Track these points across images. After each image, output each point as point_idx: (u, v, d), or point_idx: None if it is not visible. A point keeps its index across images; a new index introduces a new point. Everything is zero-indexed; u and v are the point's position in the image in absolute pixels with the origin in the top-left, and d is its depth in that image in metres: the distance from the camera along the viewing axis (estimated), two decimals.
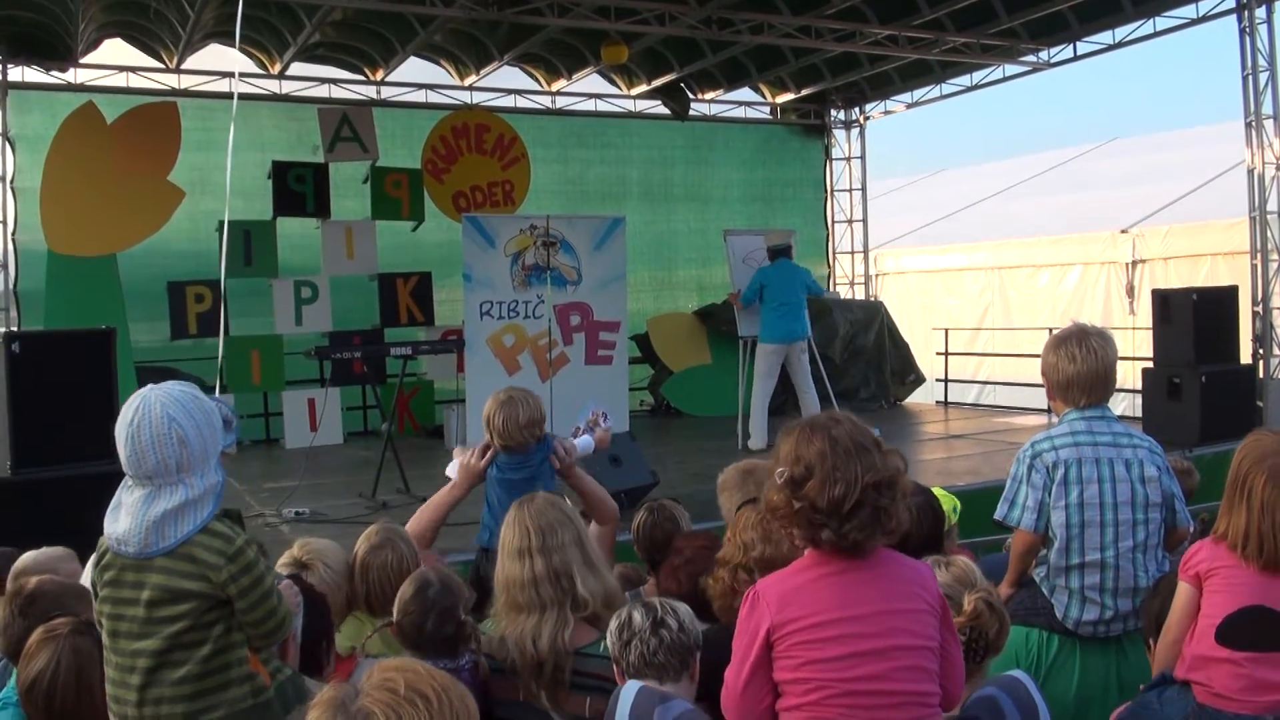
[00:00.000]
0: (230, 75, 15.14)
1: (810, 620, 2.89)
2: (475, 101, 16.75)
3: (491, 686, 3.79)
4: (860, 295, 19.83)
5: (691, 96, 18.14)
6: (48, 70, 13.92)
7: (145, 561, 3.19)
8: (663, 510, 4.89)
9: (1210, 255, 15.96)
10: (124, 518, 3.23)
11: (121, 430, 3.23)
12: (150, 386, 3.28)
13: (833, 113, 19.75)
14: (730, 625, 3.61)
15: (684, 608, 3.45)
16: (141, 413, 3.21)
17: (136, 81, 14.60)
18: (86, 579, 3.98)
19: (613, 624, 3.45)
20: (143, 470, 3.22)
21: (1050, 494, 4.29)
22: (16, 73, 13.85)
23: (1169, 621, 3.76)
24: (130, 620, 3.21)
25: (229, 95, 15.05)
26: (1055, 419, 4.62)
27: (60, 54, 13.74)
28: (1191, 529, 4.60)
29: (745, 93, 18.93)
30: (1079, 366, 4.36)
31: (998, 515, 4.47)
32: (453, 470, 5.75)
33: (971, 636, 3.34)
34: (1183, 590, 3.74)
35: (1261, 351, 12.87)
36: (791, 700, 2.92)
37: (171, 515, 3.19)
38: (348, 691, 1.90)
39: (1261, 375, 12.72)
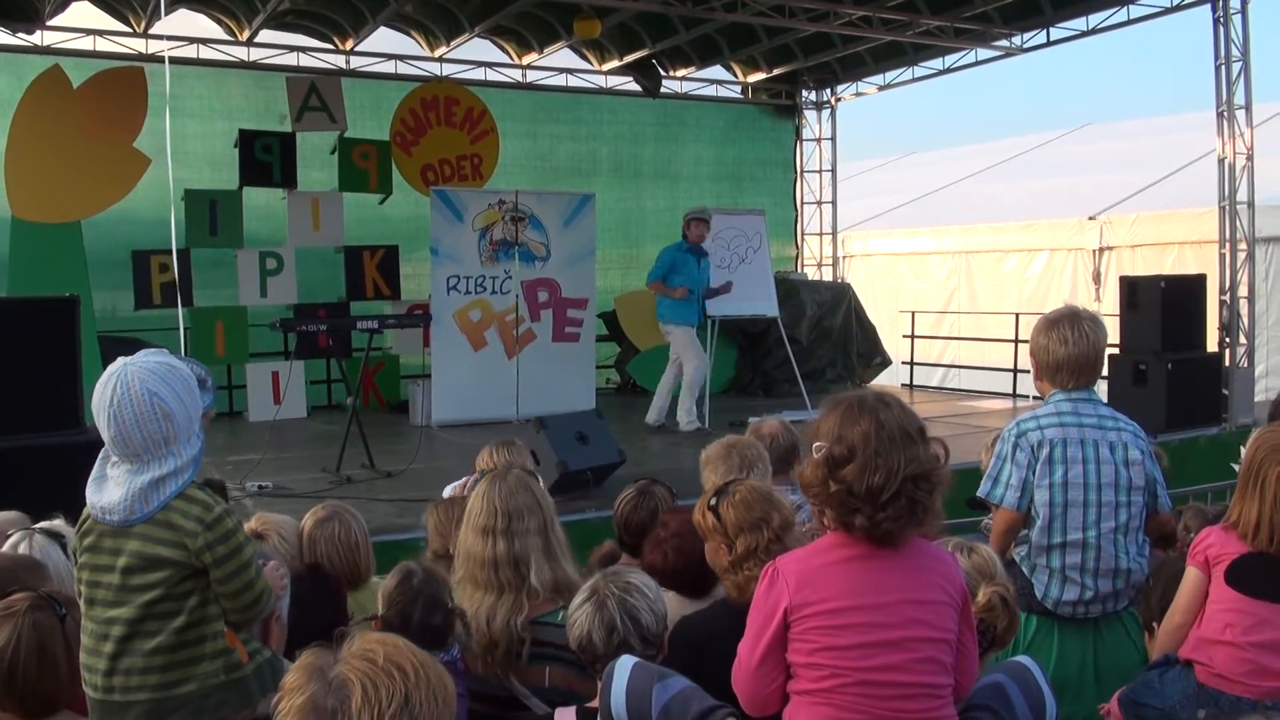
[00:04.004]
0: (201, 41, 15.03)
1: (829, 605, 2.86)
2: (445, 74, 16.64)
3: None
4: (828, 277, 19.85)
5: (663, 73, 18.09)
6: (14, 32, 13.72)
7: (125, 529, 3.17)
8: (648, 501, 4.79)
9: (1177, 244, 16.07)
10: (112, 488, 3.21)
11: (101, 410, 3.19)
12: (123, 361, 3.23)
13: (804, 93, 19.73)
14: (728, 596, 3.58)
15: (643, 604, 3.36)
16: (120, 391, 3.17)
17: (104, 45, 14.43)
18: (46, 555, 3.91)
19: (572, 635, 3.38)
20: (130, 450, 3.19)
21: (1034, 473, 4.29)
22: None
23: (1175, 605, 3.79)
24: (106, 587, 3.19)
25: (197, 61, 14.95)
26: (1016, 403, 4.63)
27: (27, 15, 13.55)
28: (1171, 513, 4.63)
29: (717, 71, 18.88)
30: (1070, 349, 4.35)
31: (980, 492, 4.47)
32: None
33: (980, 629, 3.30)
34: (1190, 574, 3.77)
35: (1228, 340, 12.96)
36: (804, 684, 2.90)
37: (157, 482, 3.17)
38: (326, 659, 1.90)
39: (1227, 363, 12.82)
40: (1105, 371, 11.89)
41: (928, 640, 2.87)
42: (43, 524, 3.98)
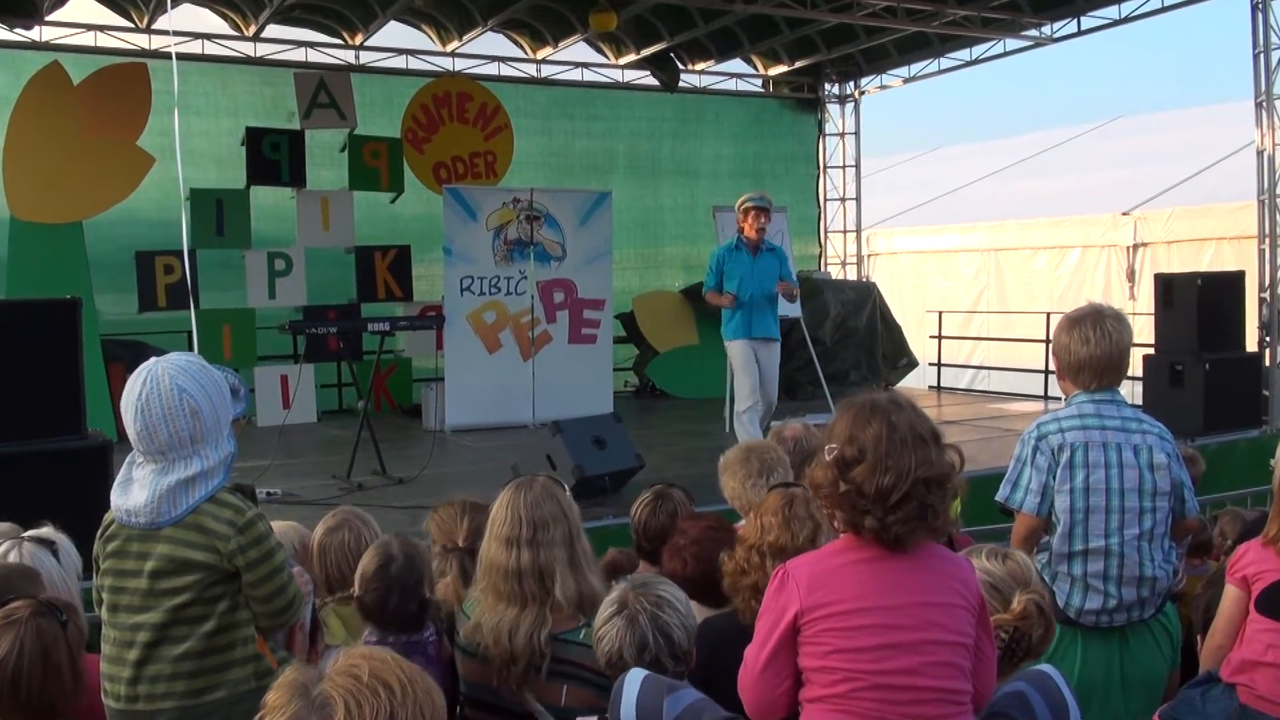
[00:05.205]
0: (206, 37, 15.05)
1: (842, 607, 2.87)
2: (457, 69, 16.66)
3: (465, 668, 3.80)
4: (852, 276, 19.83)
5: (681, 67, 18.06)
6: (12, 28, 13.75)
7: (152, 532, 3.21)
8: (667, 504, 4.82)
9: (1215, 239, 15.96)
10: (137, 491, 3.25)
11: (129, 405, 3.23)
12: (155, 358, 3.29)
13: (827, 86, 19.71)
14: (735, 608, 3.58)
15: (675, 619, 3.38)
16: (150, 385, 3.22)
17: (105, 41, 14.46)
18: (46, 564, 3.92)
19: (600, 651, 3.38)
20: (155, 445, 3.23)
21: (1054, 477, 4.27)
22: None
23: (1215, 624, 3.77)
24: (132, 593, 3.24)
25: (202, 57, 14.97)
26: (1048, 406, 4.59)
27: (26, 10, 13.56)
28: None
29: (737, 64, 18.86)
30: (1092, 349, 4.32)
31: (999, 497, 4.46)
32: None
33: (1014, 638, 3.30)
34: (1229, 593, 3.74)
35: (1268, 339, 12.85)
36: (817, 690, 2.90)
37: (184, 484, 3.22)
38: (311, 675, 1.90)
39: (1268, 363, 12.71)
40: (1139, 372, 11.97)
41: (944, 644, 2.87)
42: (31, 532, 3.99)
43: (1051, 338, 4.55)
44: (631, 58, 17.59)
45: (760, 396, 10.45)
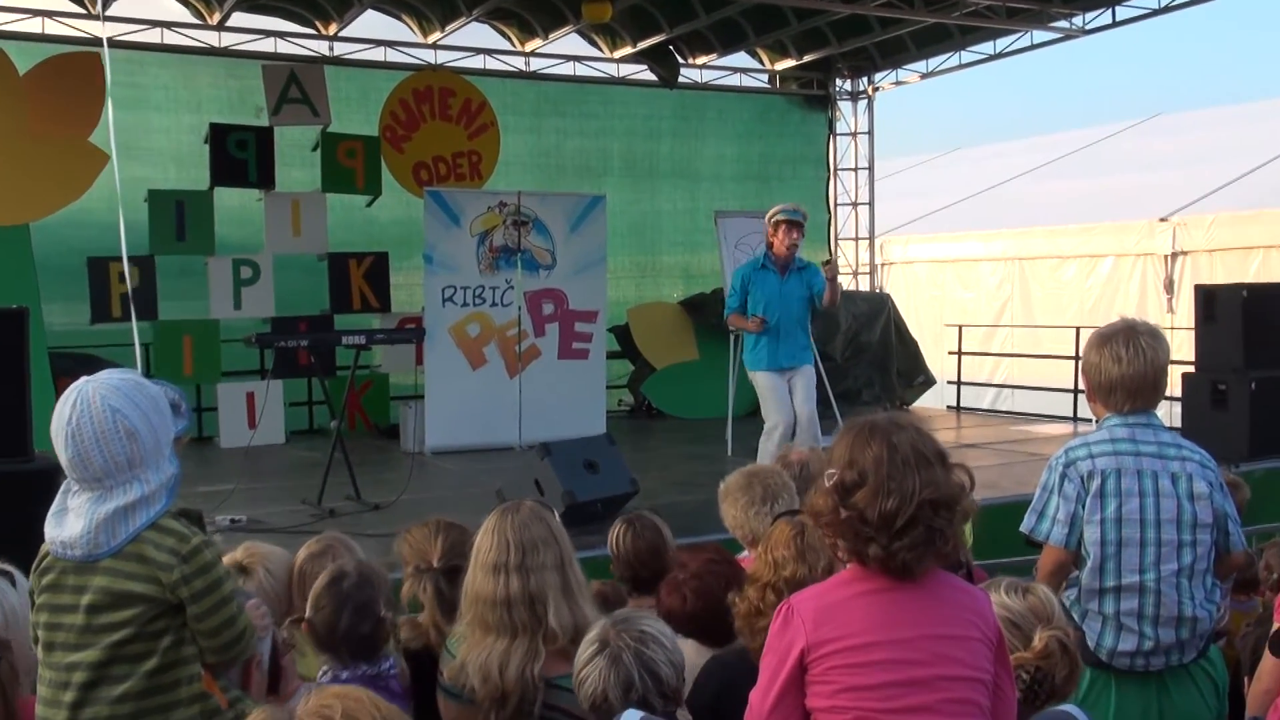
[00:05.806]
0: (166, 25, 15.03)
1: (850, 642, 2.86)
2: (439, 61, 16.64)
3: (450, 712, 3.78)
4: (865, 287, 19.84)
5: (681, 61, 18.09)
6: None
7: (89, 564, 3.18)
8: (643, 521, 4.85)
9: (1262, 248, 15.95)
10: (72, 521, 3.21)
11: (59, 431, 3.21)
12: (85, 378, 3.25)
13: (838, 82, 19.71)
14: (748, 648, 3.57)
15: (661, 655, 3.34)
16: (79, 408, 3.19)
17: (54, 28, 14.42)
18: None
19: (583, 694, 3.35)
20: (90, 473, 3.20)
21: (1084, 507, 4.24)
22: None
23: (1261, 666, 3.75)
24: (68, 629, 3.20)
25: (162, 47, 14.94)
26: (1078, 428, 4.57)
27: None
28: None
29: (741, 58, 18.88)
30: (1124, 368, 4.29)
31: (1024, 527, 4.43)
32: None
33: (1036, 678, 3.27)
34: (1277, 633, 3.70)
35: None
36: None
37: (123, 512, 3.19)
38: (280, 717, 1.87)
39: None
40: (1179, 392, 11.94)
41: (960, 679, 2.85)
42: None
43: (1081, 355, 4.52)
44: (627, 51, 17.59)
45: (797, 418, 10.04)
